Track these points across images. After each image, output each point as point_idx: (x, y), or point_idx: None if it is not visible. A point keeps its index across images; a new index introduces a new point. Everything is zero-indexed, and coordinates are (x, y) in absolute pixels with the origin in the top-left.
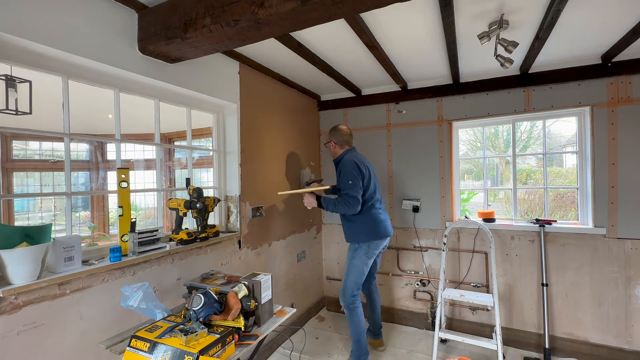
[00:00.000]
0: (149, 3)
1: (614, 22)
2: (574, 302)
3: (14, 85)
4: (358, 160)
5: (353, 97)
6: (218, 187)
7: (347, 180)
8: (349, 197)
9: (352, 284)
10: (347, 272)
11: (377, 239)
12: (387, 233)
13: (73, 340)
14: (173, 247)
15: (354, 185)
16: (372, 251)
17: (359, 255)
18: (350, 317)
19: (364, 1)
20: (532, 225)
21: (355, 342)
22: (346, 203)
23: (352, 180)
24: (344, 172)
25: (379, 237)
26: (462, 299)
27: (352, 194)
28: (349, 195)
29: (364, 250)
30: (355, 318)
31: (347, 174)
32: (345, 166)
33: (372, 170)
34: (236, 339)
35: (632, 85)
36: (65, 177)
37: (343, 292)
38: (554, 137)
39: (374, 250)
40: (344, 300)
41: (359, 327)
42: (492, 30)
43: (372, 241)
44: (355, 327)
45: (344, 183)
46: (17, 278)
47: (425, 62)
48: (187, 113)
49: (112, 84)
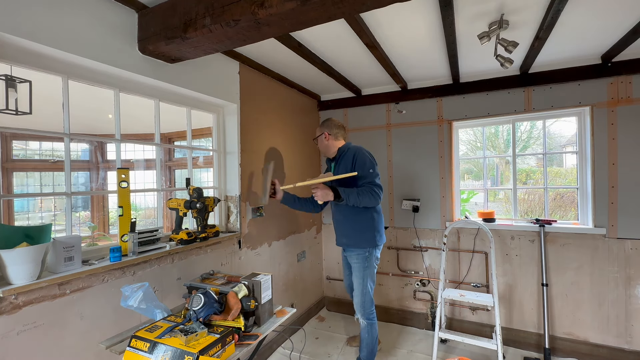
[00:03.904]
0: (149, 3)
1: (614, 22)
2: (574, 302)
3: (14, 85)
4: None
5: (353, 97)
6: (218, 187)
7: (368, 169)
8: (375, 185)
9: (370, 294)
10: (363, 283)
11: (382, 244)
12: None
13: (73, 340)
14: (173, 247)
15: (377, 175)
16: (378, 255)
17: (371, 263)
18: (370, 330)
19: (364, 1)
20: (532, 225)
21: (370, 352)
22: (372, 193)
23: (373, 169)
24: (361, 161)
25: (384, 241)
26: (462, 299)
27: (377, 182)
28: (374, 184)
29: (374, 256)
30: (373, 330)
31: (366, 162)
32: (359, 155)
33: None
34: (236, 339)
35: (632, 85)
36: (65, 177)
37: (363, 305)
38: (554, 137)
39: (378, 255)
40: (364, 314)
41: (376, 337)
42: (492, 30)
43: (379, 246)
44: (373, 338)
45: (366, 172)
46: (17, 278)
47: (425, 62)
48: (187, 113)
49: (112, 84)
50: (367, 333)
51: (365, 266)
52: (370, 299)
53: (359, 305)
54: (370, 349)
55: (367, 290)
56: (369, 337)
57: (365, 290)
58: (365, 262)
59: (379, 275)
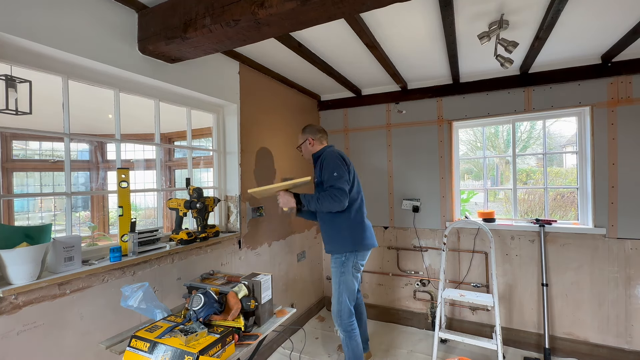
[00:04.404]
0: (149, 3)
1: (614, 22)
2: (574, 302)
3: (14, 85)
4: (342, 153)
5: (353, 97)
6: (218, 187)
7: (331, 172)
8: (335, 189)
9: (347, 302)
10: (339, 290)
11: (364, 249)
12: (373, 243)
13: (73, 340)
14: (173, 247)
15: (340, 177)
16: (360, 262)
17: (347, 270)
18: (349, 342)
19: (364, 1)
20: (532, 225)
21: None
22: (332, 196)
23: (337, 172)
24: (326, 164)
25: (366, 246)
26: (462, 299)
27: (338, 185)
28: (334, 188)
29: (352, 262)
30: (354, 342)
31: (330, 165)
32: (327, 157)
33: (352, 168)
34: (236, 339)
35: (632, 85)
36: (65, 177)
37: (339, 314)
38: (554, 137)
39: (361, 262)
40: (341, 323)
41: (358, 351)
42: (492, 30)
43: (359, 251)
44: (355, 352)
45: (328, 175)
46: (17, 278)
47: (425, 62)
48: (187, 113)
49: (112, 84)
50: (346, 346)
51: (341, 272)
52: (348, 309)
53: (335, 314)
54: None
55: (344, 299)
56: (349, 350)
57: (341, 299)
58: (342, 267)
59: (379, 275)
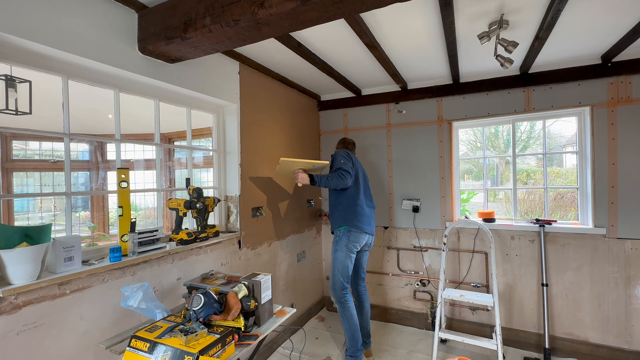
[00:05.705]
0: (148, 3)
1: (614, 22)
2: (574, 302)
3: (14, 85)
4: (350, 152)
5: (353, 97)
6: (218, 187)
7: (339, 161)
8: (341, 170)
9: (339, 277)
10: (333, 266)
11: (356, 229)
12: (366, 229)
13: (73, 341)
14: (173, 247)
15: (345, 164)
16: (353, 244)
17: (341, 247)
18: (343, 312)
19: (364, 1)
20: (532, 225)
21: (350, 337)
22: (339, 175)
23: (342, 160)
24: (335, 157)
25: (358, 226)
26: (462, 299)
27: (344, 168)
28: (341, 169)
29: (344, 242)
30: (347, 312)
31: (338, 157)
32: (337, 154)
33: (360, 169)
34: (236, 339)
35: (632, 85)
36: (65, 177)
37: (333, 286)
38: (554, 137)
39: (354, 243)
40: (335, 295)
41: (352, 321)
42: (492, 30)
43: (351, 231)
44: (349, 322)
45: (336, 163)
46: (17, 278)
47: (425, 62)
48: (187, 113)
49: (112, 84)
50: (341, 316)
51: (335, 249)
52: (340, 282)
53: (330, 288)
54: (350, 334)
55: (336, 274)
56: (344, 320)
57: (335, 273)
58: (335, 245)
59: (379, 275)
